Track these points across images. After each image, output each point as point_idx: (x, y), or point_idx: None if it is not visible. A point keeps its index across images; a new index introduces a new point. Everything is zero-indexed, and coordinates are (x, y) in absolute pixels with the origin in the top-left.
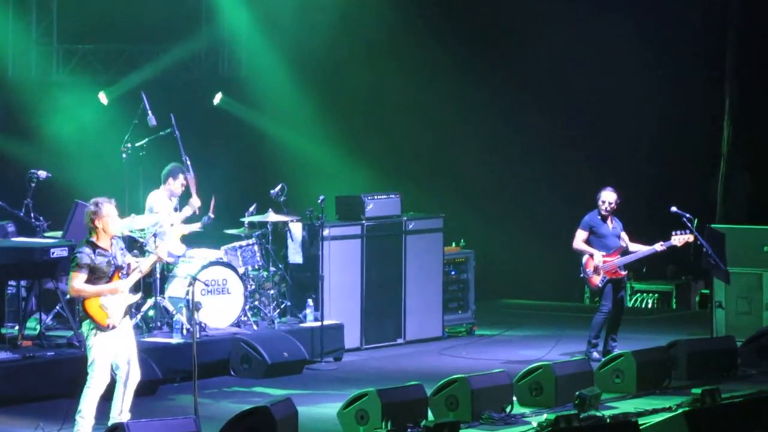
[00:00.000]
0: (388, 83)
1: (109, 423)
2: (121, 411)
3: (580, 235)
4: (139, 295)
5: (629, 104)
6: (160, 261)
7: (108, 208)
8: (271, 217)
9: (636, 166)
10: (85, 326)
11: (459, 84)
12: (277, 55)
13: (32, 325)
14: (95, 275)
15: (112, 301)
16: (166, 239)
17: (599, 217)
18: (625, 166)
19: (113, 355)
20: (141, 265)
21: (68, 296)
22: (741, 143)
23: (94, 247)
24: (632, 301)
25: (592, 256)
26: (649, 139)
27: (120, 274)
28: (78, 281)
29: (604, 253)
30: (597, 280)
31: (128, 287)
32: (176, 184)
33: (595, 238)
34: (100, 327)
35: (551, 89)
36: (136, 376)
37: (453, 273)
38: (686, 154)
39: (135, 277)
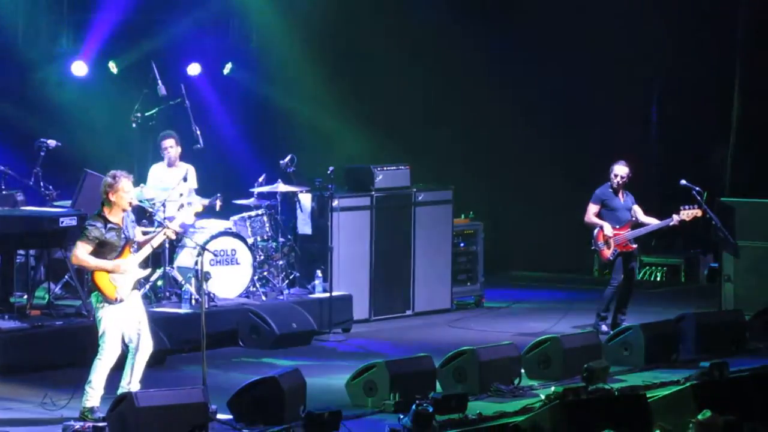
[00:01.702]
0: (400, 54)
1: (119, 393)
2: (130, 381)
3: (592, 209)
4: (148, 270)
5: (640, 77)
6: (169, 237)
7: (125, 182)
8: (281, 187)
9: (646, 139)
10: (94, 298)
11: (470, 55)
12: (288, 25)
13: (41, 295)
14: (105, 248)
15: (121, 275)
16: (179, 211)
17: (611, 191)
18: (635, 139)
19: (124, 327)
20: (152, 241)
21: (76, 265)
22: (750, 116)
23: (105, 221)
24: (641, 275)
25: (602, 228)
26: (658, 112)
27: (131, 248)
28: (82, 251)
29: (616, 227)
30: (608, 252)
31: (137, 263)
32: (163, 152)
33: (606, 212)
34: (108, 300)
35: (562, 61)
36: (148, 347)
37: (462, 245)
38: (696, 127)
39: (145, 251)
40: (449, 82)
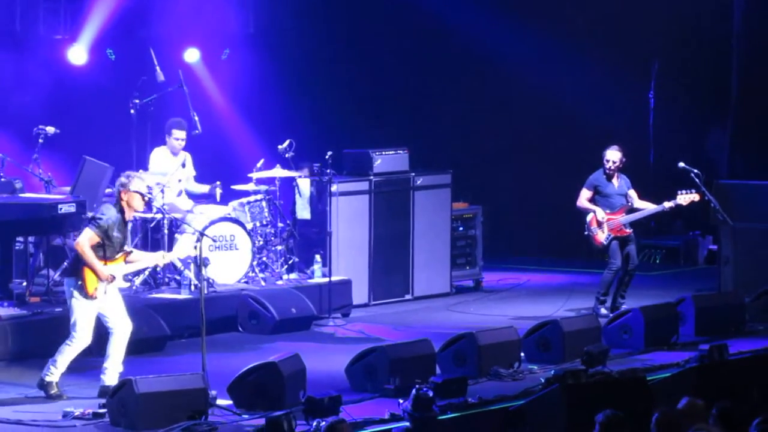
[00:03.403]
0: (399, 38)
1: (102, 375)
2: (114, 363)
3: (584, 194)
4: (128, 284)
5: (637, 61)
6: (159, 264)
7: (138, 183)
8: (279, 172)
9: (643, 123)
10: (68, 283)
11: (466, 39)
12: (286, 11)
13: (40, 281)
14: (104, 245)
15: (109, 278)
16: (172, 196)
17: (604, 177)
18: (632, 123)
19: (102, 315)
20: (143, 261)
21: (75, 252)
22: (748, 98)
23: (121, 215)
24: (640, 257)
25: (595, 214)
26: (656, 96)
27: (126, 258)
28: (87, 241)
29: (608, 212)
30: (602, 237)
31: (123, 273)
32: (171, 141)
33: (600, 198)
34: (85, 292)
35: (558, 45)
36: (127, 330)
37: (461, 228)
38: (693, 110)
39: (134, 267)
40: (447, 66)
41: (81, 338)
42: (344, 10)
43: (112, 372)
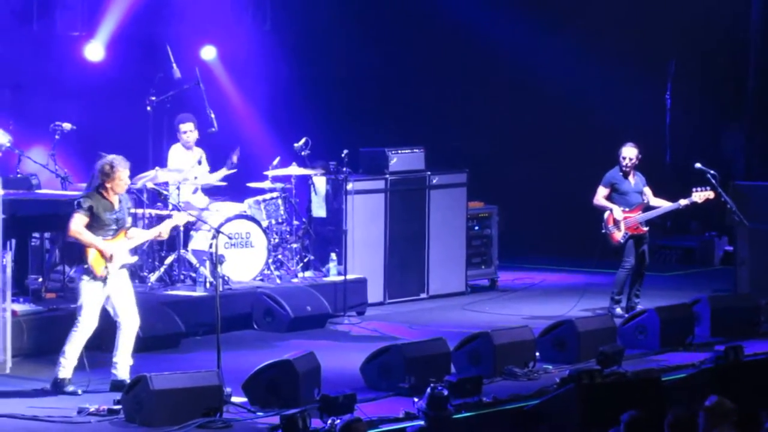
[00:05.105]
0: (414, 38)
1: (113, 369)
2: (121, 356)
3: (601, 192)
4: (136, 258)
5: (654, 61)
6: (160, 238)
7: (122, 173)
8: (295, 170)
9: (660, 124)
10: (77, 271)
11: (482, 40)
12: (302, 8)
13: (56, 277)
14: (97, 224)
15: (112, 255)
16: (188, 192)
17: (621, 174)
18: (649, 123)
19: (109, 303)
20: (143, 235)
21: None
22: (765, 98)
23: (101, 196)
24: (655, 258)
25: (612, 212)
26: (673, 97)
27: (126, 235)
28: (78, 223)
29: (626, 210)
30: (618, 235)
31: (128, 248)
32: (180, 135)
33: (617, 195)
34: (93, 275)
35: (573, 45)
36: (134, 323)
37: (476, 228)
38: (710, 110)
39: (137, 241)
40: (464, 66)
41: (87, 321)
42: (361, 7)
43: (122, 366)
